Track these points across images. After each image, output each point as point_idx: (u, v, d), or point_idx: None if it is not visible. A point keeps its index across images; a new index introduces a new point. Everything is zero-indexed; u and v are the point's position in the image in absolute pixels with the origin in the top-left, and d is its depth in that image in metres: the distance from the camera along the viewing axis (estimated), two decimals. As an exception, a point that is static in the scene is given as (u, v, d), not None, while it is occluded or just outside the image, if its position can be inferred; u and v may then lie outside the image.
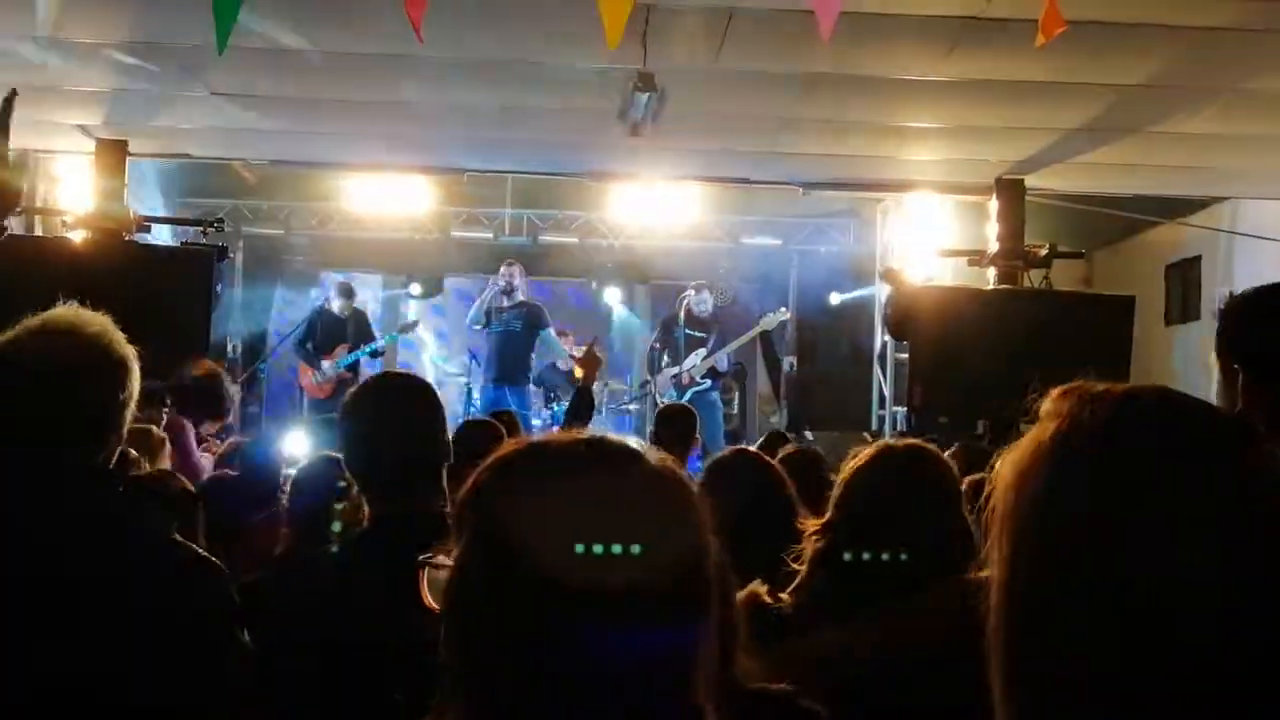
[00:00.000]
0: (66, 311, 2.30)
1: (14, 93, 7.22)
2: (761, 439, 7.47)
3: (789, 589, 2.72)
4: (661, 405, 10.40)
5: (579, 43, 6.42)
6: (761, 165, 9.97)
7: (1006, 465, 1.21)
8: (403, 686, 1.30)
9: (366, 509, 2.91)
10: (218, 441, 6.99)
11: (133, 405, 2.30)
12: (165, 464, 4.96)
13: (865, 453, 2.78)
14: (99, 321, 2.29)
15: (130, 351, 2.31)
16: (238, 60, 6.64)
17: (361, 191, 11.60)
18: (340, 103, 8.24)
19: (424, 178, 11.01)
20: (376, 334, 12.04)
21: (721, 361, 11.60)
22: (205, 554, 2.39)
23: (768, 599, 2.65)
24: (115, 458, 2.32)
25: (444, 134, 9.32)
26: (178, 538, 2.32)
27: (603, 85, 7.24)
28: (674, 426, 7.26)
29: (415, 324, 12.31)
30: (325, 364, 11.47)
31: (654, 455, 1.32)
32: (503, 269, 11.65)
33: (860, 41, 6.44)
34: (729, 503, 3.51)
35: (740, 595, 2.49)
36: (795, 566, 2.76)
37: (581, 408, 6.48)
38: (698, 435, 7.59)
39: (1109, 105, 7.70)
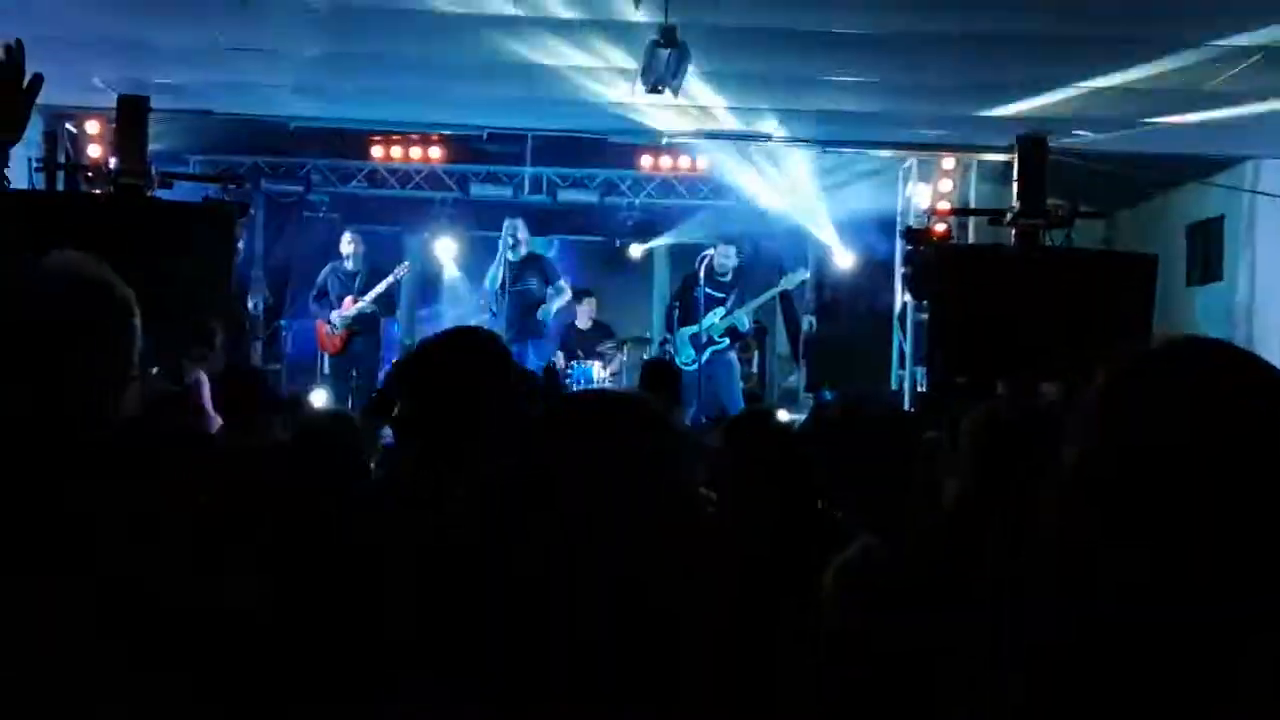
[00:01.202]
0: (62, 256, 2.23)
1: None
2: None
3: (909, 549, 2.67)
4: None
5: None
6: (782, 123, 9.93)
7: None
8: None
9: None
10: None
11: (138, 345, 2.24)
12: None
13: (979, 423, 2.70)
14: (96, 265, 2.24)
15: (130, 293, 2.24)
16: (261, 16, 6.65)
17: (382, 149, 11.58)
18: (361, 60, 8.23)
19: (444, 136, 11.00)
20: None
21: (741, 321, 11.56)
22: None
23: (879, 557, 2.60)
24: (123, 400, 2.26)
25: (464, 92, 9.30)
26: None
27: (624, 41, 7.21)
28: (656, 386, 6.91)
29: (405, 264, 12.21)
30: (334, 317, 11.49)
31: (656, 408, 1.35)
32: (506, 222, 11.59)
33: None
34: (745, 463, 3.55)
35: (852, 550, 2.54)
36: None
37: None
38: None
39: (1132, 63, 7.64)
